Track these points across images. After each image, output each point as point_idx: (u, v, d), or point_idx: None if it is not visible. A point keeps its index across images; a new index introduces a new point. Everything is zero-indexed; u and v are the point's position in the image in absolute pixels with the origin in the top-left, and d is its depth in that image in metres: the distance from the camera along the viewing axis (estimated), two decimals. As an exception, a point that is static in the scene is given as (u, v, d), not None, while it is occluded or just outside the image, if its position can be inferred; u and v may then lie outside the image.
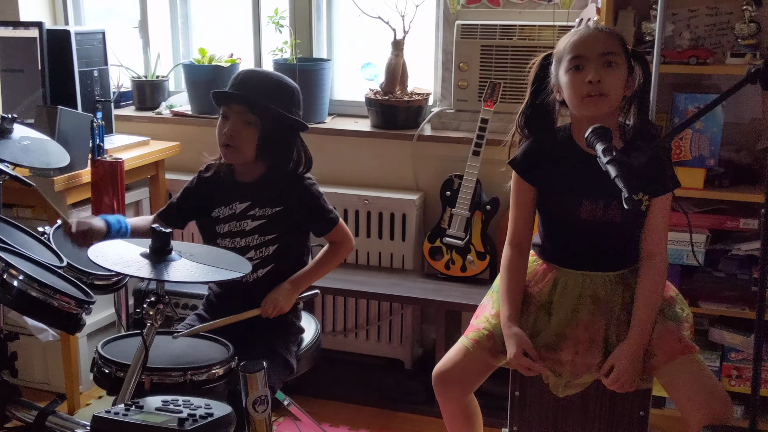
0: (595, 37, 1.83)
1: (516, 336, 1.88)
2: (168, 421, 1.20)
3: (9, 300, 1.59)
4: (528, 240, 2.00)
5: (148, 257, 1.45)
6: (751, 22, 2.38)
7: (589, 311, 1.89)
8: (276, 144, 2.03)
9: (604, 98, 1.81)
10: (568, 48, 1.84)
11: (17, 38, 2.86)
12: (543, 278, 1.98)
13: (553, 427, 1.98)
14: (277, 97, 2.02)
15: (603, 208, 1.88)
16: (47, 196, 2.00)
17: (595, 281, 1.90)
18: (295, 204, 2.06)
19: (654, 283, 1.88)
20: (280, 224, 2.06)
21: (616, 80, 1.82)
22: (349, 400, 2.89)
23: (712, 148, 2.38)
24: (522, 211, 1.99)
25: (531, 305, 1.95)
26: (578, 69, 1.82)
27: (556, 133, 1.97)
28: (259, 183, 2.07)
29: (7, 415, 1.53)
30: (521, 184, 1.98)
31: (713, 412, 1.76)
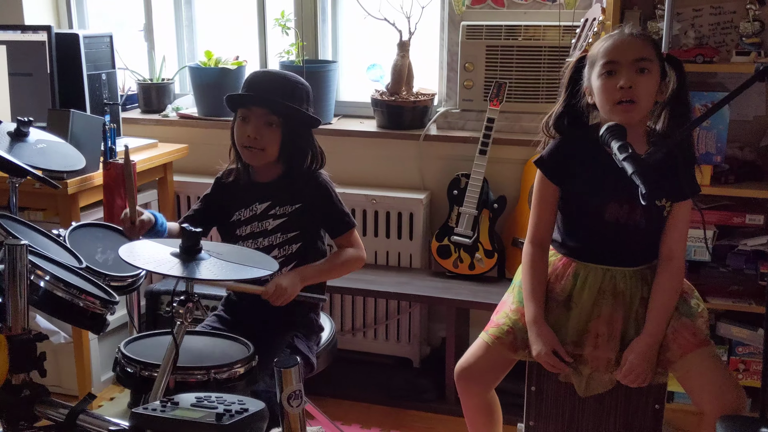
0: (629, 43, 1.84)
1: (545, 335, 1.90)
2: (206, 416, 1.22)
3: (36, 300, 1.61)
4: (549, 238, 2.02)
5: (178, 256, 1.47)
6: (755, 20, 2.42)
7: (609, 305, 1.91)
8: (297, 142, 2.06)
9: (635, 105, 1.82)
10: (602, 53, 1.85)
11: (26, 42, 2.87)
12: (564, 273, 1.99)
13: (569, 421, 2.01)
14: (294, 96, 2.04)
15: (628, 211, 1.90)
16: (128, 179, 2.02)
17: (615, 275, 1.93)
18: (313, 200, 2.09)
19: (671, 284, 1.91)
20: (301, 221, 2.08)
21: (649, 87, 1.83)
22: (360, 398, 2.92)
23: (719, 145, 2.42)
24: (545, 211, 2.00)
25: (552, 301, 1.97)
26: (611, 74, 1.83)
27: (584, 134, 1.96)
28: (277, 182, 2.10)
29: (37, 415, 1.54)
30: (546, 183, 1.98)
31: (727, 404, 1.79)
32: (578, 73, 1.96)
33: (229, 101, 2.08)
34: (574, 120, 1.98)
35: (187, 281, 1.46)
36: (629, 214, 1.90)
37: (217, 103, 3.27)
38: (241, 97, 2.05)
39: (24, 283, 1.50)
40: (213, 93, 3.27)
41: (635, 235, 1.93)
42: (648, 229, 1.92)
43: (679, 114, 1.87)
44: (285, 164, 2.09)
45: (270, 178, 2.11)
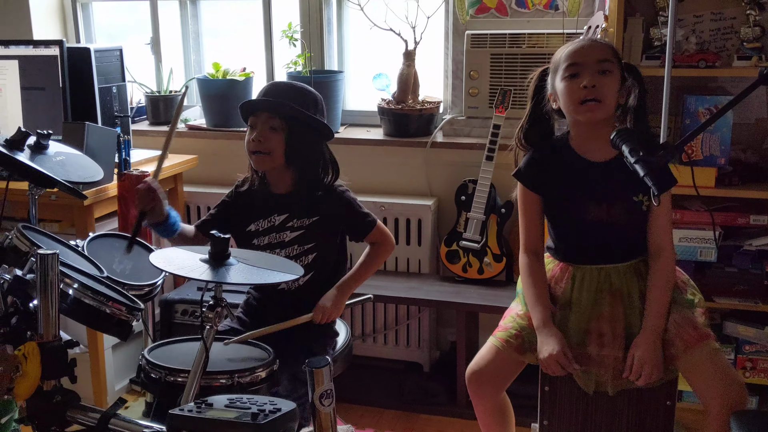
0: (590, 47, 1.94)
1: (555, 335, 1.94)
2: (242, 416, 1.26)
3: (65, 308, 1.65)
4: (541, 245, 2.09)
5: (207, 262, 1.51)
6: (756, 26, 2.48)
7: (609, 303, 1.97)
8: (303, 147, 2.10)
9: (600, 104, 1.90)
10: (564, 57, 1.94)
11: (38, 56, 2.92)
12: (562, 277, 2.05)
13: (582, 420, 2.05)
14: (301, 102, 2.10)
15: (606, 210, 1.97)
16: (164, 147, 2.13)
17: (610, 273, 1.99)
18: (331, 213, 2.13)
19: (664, 276, 1.97)
20: (318, 233, 2.13)
21: (611, 87, 1.91)
22: (372, 403, 2.95)
23: (723, 148, 2.47)
24: (531, 219, 2.08)
25: (555, 305, 2.02)
26: (574, 76, 1.91)
27: (554, 143, 2.06)
28: (294, 194, 2.14)
29: (68, 420, 1.58)
30: (527, 193, 2.07)
31: (731, 399, 1.84)
32: (541, 82, 2.04)
33: (241, 111, 2.14)
34: (543, 130, 2.07)
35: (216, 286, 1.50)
36: (608, 212, 1.97)
37: (225, 113, 3.32)
38: (248, 103, 2.12)
39: (55, 292, 1.54)
40: (221, 104, 3.32)
41: (619, 231, 2.00)
42: (630, 223, 1.99)
43: (640, 118, 1.96)
44: (296, 172, 2.13)
45: (286, 189, 2.15)
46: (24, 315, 1.66)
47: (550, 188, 2.03)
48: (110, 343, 2.93)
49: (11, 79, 2.95)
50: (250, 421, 1.25)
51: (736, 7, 2.58)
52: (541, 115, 2.06)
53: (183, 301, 2.87)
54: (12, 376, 1.51)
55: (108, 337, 2.91)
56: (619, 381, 1.94)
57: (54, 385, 1.58)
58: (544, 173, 2.03)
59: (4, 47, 2.94)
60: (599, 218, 1.98)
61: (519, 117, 2.94)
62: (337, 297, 2.11)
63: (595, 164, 1.99)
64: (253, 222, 2.16)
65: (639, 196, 1.96)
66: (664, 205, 1.97)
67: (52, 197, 2.60)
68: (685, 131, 2.49)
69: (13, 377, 1.52)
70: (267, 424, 1.24)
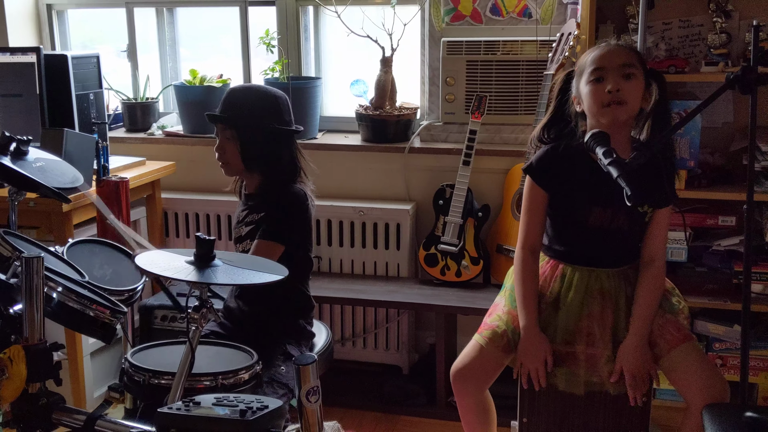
0: (615, 51, 1.95)
1: (540, 342, 1.98)
2: (230, 413, 1.28)
3: (49, 311, 1.65)
4: (539, 243, 2.10)
5: (193, 264, 1.53)
6: (722, 32, 2.56)
7: (598, 304, 2.01)
8: (259, 152, 2.16)
9: (623, 106, 1.91)
10: (590, 61, 1.96)
11: (14, 63, 2.91)
12: (552, 275, 2.09)
13: (561, 417, 2.09)
14: (255, 108, 2.15)
15: (611, 216, 2.00)
16: (109, 216, 2.13)
17: (600, 276, 2.03)
18: (271, 209, 2.17)
19: (654, 284, 2.01)
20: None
21: (635, 91, 1.93)
22: (353, 405, 2.98)
23: (692, 151, 2.55)
24: (535, 216, 2.08)
25: (542, 302, 2.06)
26: (599, 80, 1.93)
27: (571, 142, 2.05)
28: (256, 192, 2.23)
29: (54, 422, 1.58)
30: (535, 189, 2.07)
31: (714, 393, 1.90)
32: (567, 84, 2.06)
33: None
34: (560, 130, 2.08)
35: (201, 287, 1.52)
36: (612, 219, 2.00)
37: (202, 120, 3.30)
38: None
39: (40, 295, 1.55)
40: (198, 111, 3.31)
41: (618, 238, 2.03)
42: (630, 232, 2.03)
43: (660, 124, 1.98)
44: (261, 174, 2.20)
45: (252, 189, 2.24)
46: (7, 319, 1.66)
47: (558, 187, 2.04)
48: (88, 350, 2.92)
49: (-12, 86, 2.93)
50: (238, 417, 1.27)
51: (703, 15, 2.66)
52: (561, 117, 2.06)
53: (162, 307, 2.87)
54: (-3, 379, 1.52)
55: (86, 344, 2.90)
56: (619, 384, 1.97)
57: (39, 387, 1.58)
58: (554, 171, 2.04)
59: (-20, 54, 2.93)
60: (601, 224, 2.01)
61: (495, 123, 3.05)
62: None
63: None
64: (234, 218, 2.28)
65: (644, 207, 1.99)
66: (664, 218, 2.02)
67: (31, 204, 2.60)
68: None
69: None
70: (255, 420, 1.26)
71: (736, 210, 2.58)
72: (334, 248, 3.19)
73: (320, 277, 3.13)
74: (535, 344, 1.99)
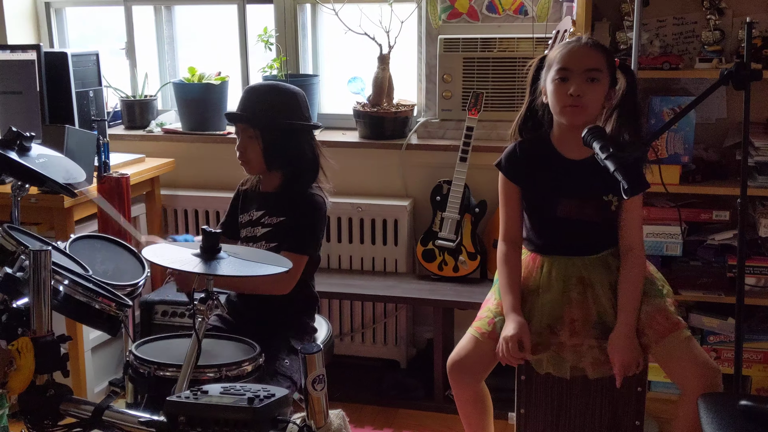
0: (583, 53, 1.99)
1: (518, 323, 2.01)
2: (238, 401, 1.31)
3: (56, 304, 1.67)
4: (519, 234, 2.17)
5: (200, 256, 1.56)
6: (716, 29, 2.60)
7: (578, 291, 2.05)
8: (282, 150, 2.16)
9: (582, 110, 1.98)
10: (557, 59, 2.01)
11: (15, 61, 2.92)
12: (533, 266, 2.14)
13: (558, 407, 2.13)
14: (276, 106, 2.15)
15: (578, 207, 2.06)
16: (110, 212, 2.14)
17: (578, 264, 2.08)
18: (295, 217, 2.15)
19: (635, 272, 2.05)
20: (282, 234, 2.17)
21: (597, 95, 1.99)
22: (351, 399, 3.00)
23: (686, 146, 2.59)
24: (510, 209, 2.15)
25: (525, 292, 2.10)
26: (563, 81, 1.98)
27: (537, 137, 2.14)
28: (276, 193, 2.21)
29: (61, 413, 1.60)
30: (507, 183, 2.15)
31: (707, 381, 1.94)
32: (538, 72, 2.11)
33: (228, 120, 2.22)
34: (536, 122, 2.14)
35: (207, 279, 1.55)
36: (579, 210, 2.06)
37: (201, 117, 3.36)
38: (227, 115, 2.21)
39: (47, 288, 1.57)
40: (197, 108, 3.35)
41: (588, 228, 2.09)
42: (600, 221, 2.08)
43: (627, 116, 2.03)
44: (282, 173, 2.19)
45: (271, 189, 2.22)
46: (13, 312, 1.68)
47: (527, 180, 2.11)
48: (89, 345, 2.94)
49: (-12, 83, 2.95)
50: (246, 405, 1.29)
51: (697, 12, 2.70)
52: (534, 108, 2.12)
53: (163, 302, 2.89)
54: (6, 370, 1.54)
55: (87, 340, 2.92)
56: (599, 368, 2.01)
57: (47, 379, 1.60)
58: (522, 165, 2.11)
59: (-19, 52, 2.95)
60: (570, 214, 2.07)
61: (491, 119, 3.08)
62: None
63: (572, 162, 2.07)
64: (240, 215, 2.26)
65: (609, 196, 2.05)
66: (635, 205, 2.06)
67: (32, 200, 2.61)
68: (651, 131, 2.59)
69: (7, 372, 1.54)
70: (263, 408, 1.29)
71: (730, 204, 2.63)
72: (333, 244, 3.21)
73: (319, 272, 3.11)
74: (511, 325, 2.01)
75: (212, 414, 1.30)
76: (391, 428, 2.84)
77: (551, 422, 2.13)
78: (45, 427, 1.61)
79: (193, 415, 1.31)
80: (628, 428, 2.08)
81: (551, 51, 2.08)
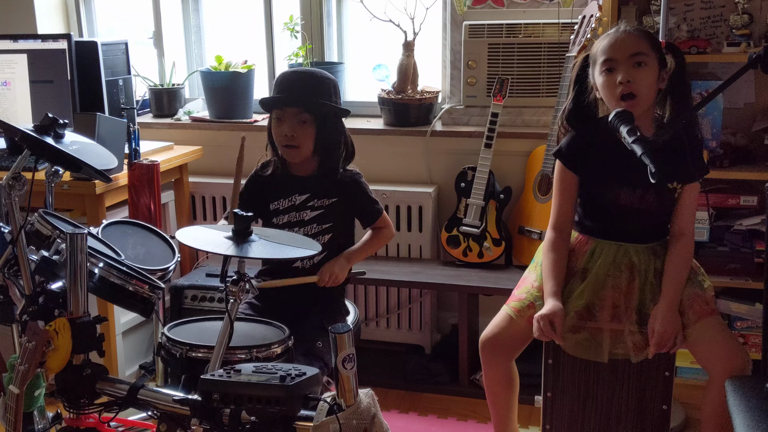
0: (624, 40, 1.97)
1: (554, 305, 2.02)
2: (270, 379, 1.34)
3: (91, 286, 1.72)
4: (569, 224, 2.15)
5: (232, 239, 1.59)
6: (744, 13, 2.57)
7: (625, 277, 2.05)
8: (330, 136, 2.20)
9: (636, 99, 1.95)
10: (600, 51, 2.00)
11: (46, 50, 2.98)
12: (581, 249, 2.13)
13: (584, 391, 2.13)
14: (322, 91, 2.18)
15: (640, 196, 2.04)
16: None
17: (629, 250, 2.07)
18: (349, 196, 2.25)
19: (684, 255, 2.06)
20: (335, 214, 2.23)
21: (647, 79, 1.96)
22: (377, 383, 3.01)
23: (714, 131, 2.57)
24: (565, 198, 2.13)
25: (569, 273, 2.10)
26: (610, 71, 1.97)
27: (597, 125, 2.10)
28: (316, 176, 2.24)
29: (97, 392, 1.65)
30: (565, 172, 2.12)
31: (735, 366, 1.94)
32: (584, 70, 2.10)
33: (263, 105, 2.21)
34: (584, 114, 2.12)
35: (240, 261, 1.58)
36: (641, 198, 2.05)
37: (228, 105, 3.39)
38: (275, 99, 2.18)
39: (84, 270, 1.61)
40: (224, 96, 3.38)
41: (647, 216, 2.07)
42: (659, 210, 2.07)
43: (680, 98, 2.01)
44: (321, 158, 2.23)
45: (308, 172, 2.25)
46: (50, 294, 1.73)
47: (587, 170, 2.09)
48: (120, 330, 3.00)
49: (20, 72, 3.01)
50: (278, 383, 1.33)
51: (725, -4, 2.67)
52: (583, 102, 2.11)
53: (193, 287, 2.94)
54: (44, 350, 1.58)
55: (118, 324, 2.98)
56: (641, 352, 2.01)
57: (83, 359, 1.65)
58: (583, 154, 2.09)
59: (14, 41, 3.00)
60: (631, 203, 2.05)
61: (516, 105, 3.08)
62: (343, 263, 2.22)
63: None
64: (272, 202, 2.27)
65: (673, 184, 2.04)
66: (693, 192, 2.06)
67: (65, 186, 2.67)
68: (678, 115, 2.58)
69: (45, 351, 1.59)
70: (295, 386, 1.32)
71: (758, 190, 2.61)
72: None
73: (344, 258, 3.18)
74: (548, 306, 2.02)
75: (246, 391, 1.33)
76: (416, 412, 2.87)
77: (578, 406, 2.14)
78: (81, 406, 1.66)
79: (226, 392, 1.35)
80: (655, 413, 2.09)
81: (593, 46, 2.06)
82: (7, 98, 3.05)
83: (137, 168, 2.68)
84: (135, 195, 2.70)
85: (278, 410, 1.32)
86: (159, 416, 1.54)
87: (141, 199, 2.69)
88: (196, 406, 1.41)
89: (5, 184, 1.81)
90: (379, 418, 1.40)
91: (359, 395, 1.40)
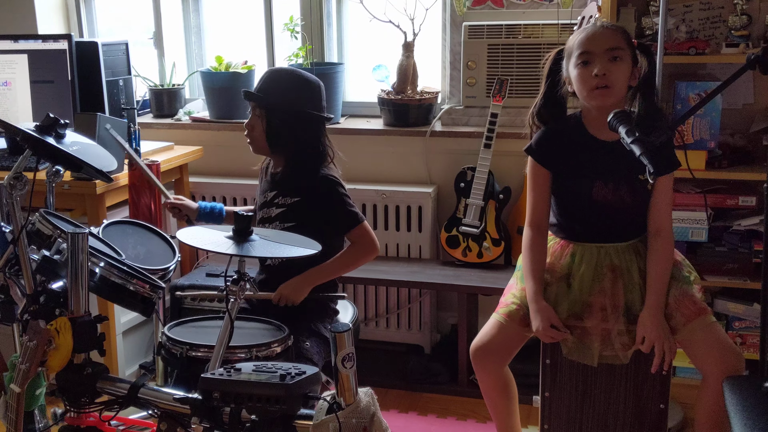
0: (601, 34, 2.00)
1: (543, 310, 2.04)
2: (270, 377, 1.35)
3: (92, 285, 1.73)
4: (546, 220, 2.17)
5: (232, 238, 1.60)
6: (743, 14, 2.58)
7: (609, 279, 2.06)
8: (284, 133, 2.21)
9: (610, 90, 1.98)
10: (577, 44, 2.02)
11: (47, 50, 2.98)
12: (562, 253, 2.14)
13: (582, 390, 2.15)
14: (287, 91, 2.21)
15: (613, 189, 2.06)
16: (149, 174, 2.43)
17: (609, 251, 2.08)
18: (316, 198, 2.21)
19: (664, 254, 2.06)
20: (299, 214, 2.21)
21: (621, 73, 1.99)
22: (376, 383, 2.99)
23: (712, 132, 2.58)
24: (539, 194, 2.15)
25: (553, 278, 2.11)
26: (586, 64, 1.99)
27: (567, 121, 2.15)
28: (283, 173, 2.27)
29: (98, 391, 1.66)
30: (537, 168, 2.14)
31: (729, 366, 1.95)
32: (556, 64, 2.12)
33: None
34: (555, 109, 2.15)
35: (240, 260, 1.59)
36: (614, 192, 2.06)
37: (228, 106, 3.40)
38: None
39: (85, 269, 1.62)
40: (224, 96, 3.39)
41: (622, 211, 2.08)
42: (634, 203, 2.08)
43: (647, 96, 2.03)
44: (285, 156, 2.26)
45: (278, 169, 2.30)
46: (51, 293, 1.74)
47: (559, 164, 2.11)
48: (120, 330, 3.01)
49: (21, 72, 3.01)
50: (278, 381, 1.33)
51: (723, -3, 2.68)
52: (554, 96, 2.13)
53: (192, 287, 2.94)
54: (45, 349, 1.59)
55: (119, 324, 2.99)
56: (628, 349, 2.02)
57: (84, 358, 1.66)
58: (554, 149, 2.11)
59: (14, 42, 3.01)
60: (605, 197, 2.06)
61: (516, 105, 3.09)
62: (298, 284, 2.13)
63: (605, 143, 2.06)
64: (257, 196, 2.35)
65: (644, 175, 2.04)
66: (665, 186, 2.06)
67: (65, 186, 2.68)
68: (677, 116, 2.59)
69: (46, 350, 1.60)
70: (294, 384, 1.33)
71: (756, 190, 2.62)
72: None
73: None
74: (539, 313, 2.03)
75: (246, 390, 1.34)
76: (415, 411, 2.88)
77: (576, 406, 2.15)
78: (82, 405, 1.67)
79: (227, 391, 1.35)
80: (652, 412, 2.10)
81: (569, 40, 2.08)
82: (8, 98, 3.06)
83: (138, 168, 2.69)
84: (135, 195, 2.70)
85: (278, 409, 1.33)
86: (159, 415, 1.55)
87: (141, 199, 2.70)
88: (197, 405, 1.42)
89: (6, 183, 1.81)
90: (378, 417, 1.41)
91: (359, 394, 1.40)
